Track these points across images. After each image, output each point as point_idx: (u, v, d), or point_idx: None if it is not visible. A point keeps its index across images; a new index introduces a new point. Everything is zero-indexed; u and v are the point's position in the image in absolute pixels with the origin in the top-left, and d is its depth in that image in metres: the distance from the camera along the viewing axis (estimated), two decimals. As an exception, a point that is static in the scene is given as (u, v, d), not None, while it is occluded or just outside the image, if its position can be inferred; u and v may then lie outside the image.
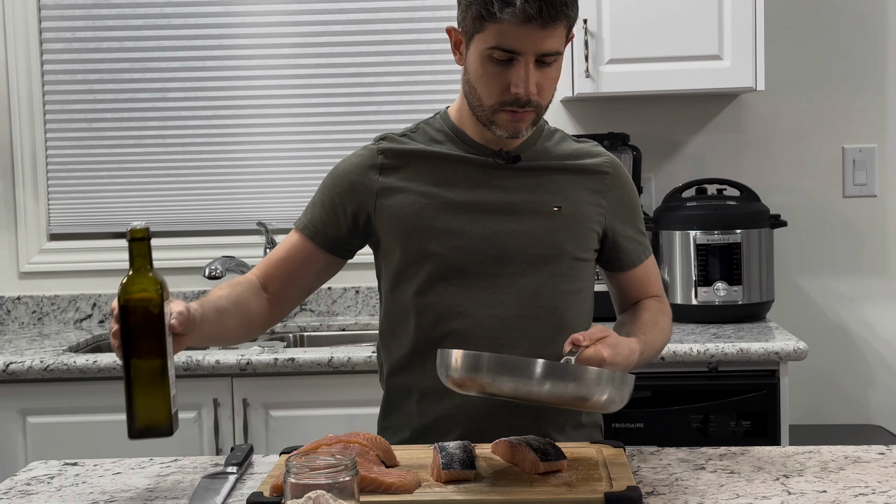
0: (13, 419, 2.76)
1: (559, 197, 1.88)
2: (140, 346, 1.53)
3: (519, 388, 1.49)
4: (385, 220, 1.88)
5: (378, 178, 1.89)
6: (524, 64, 1.73)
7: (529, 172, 1.88)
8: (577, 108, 3.36)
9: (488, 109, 1.80)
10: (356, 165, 1.91)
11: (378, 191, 1.88)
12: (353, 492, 1.31)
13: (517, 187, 1.87)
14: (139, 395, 1.54)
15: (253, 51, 3.40)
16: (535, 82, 1.74)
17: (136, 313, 1.53)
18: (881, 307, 3.36)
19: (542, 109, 1.81)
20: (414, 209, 1.86)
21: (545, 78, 1.76)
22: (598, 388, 1.50)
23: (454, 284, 1.84)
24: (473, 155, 1.88)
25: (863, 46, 3.33)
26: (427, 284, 1.85)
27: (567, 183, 1.89)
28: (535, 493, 1.49)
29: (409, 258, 1.87)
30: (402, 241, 1.87)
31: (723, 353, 2.69)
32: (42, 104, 3.41)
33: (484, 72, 1.77)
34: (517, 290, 1.85)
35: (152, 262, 1.56)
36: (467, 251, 1.84)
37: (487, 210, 1.85)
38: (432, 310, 1.85)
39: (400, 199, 1.87)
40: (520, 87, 1.74)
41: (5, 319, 3.39)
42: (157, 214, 3.43)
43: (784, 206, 3.31)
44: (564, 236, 1.87)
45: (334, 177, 1.93)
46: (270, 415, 2.77)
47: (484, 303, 1.84)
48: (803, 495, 1.52)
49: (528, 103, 1.76)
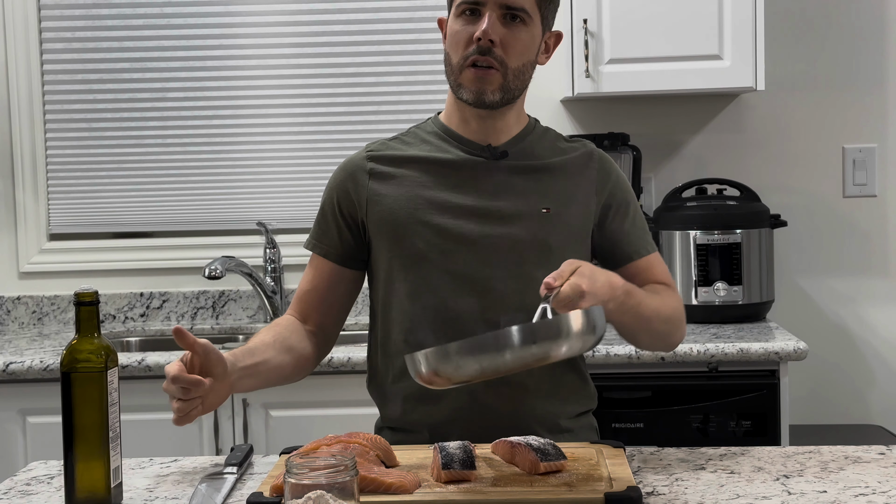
0: (13, 419, 2.76)
1: (548, 198, 1.87)
2: (82, 415, 1.51)
3: (485, 367, 1.45)
4: (374, 226, 1.89)
5: (368, 183, 1.90)
6: (488, 14, 1.78)
7: (518, 172, 1.88)
8: (577, 108, 3.36)
9: (456, 70, 1.83)
10: (348, 173, 1.93)
11: (368, 197, 1.89)
12: (353, 492, 1.31)
13: (506, 188, 1.87)
14: (80, 464, 1.51)
15: (253, 51, 3.40)
16: (498, 33, 1.78)
17: (78, 381, 1.51)
18: (881, 307, 3.36)
19: (510, 73, 1.81)
20: (403, 212, 1.86)
21: (512, 37, 1.80)
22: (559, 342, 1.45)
23: (444, 287, 1.84)
24: (463, 153, 1.88)
25: (863, 46, 3.33)
26: (417, 287, 1.85)
27: (555, 183, 1.89)
28: (535, 493, 1.49)
29: (398, 261, 1.87)
30: (391, 245, 1.87)
31: (723, 353, 2.69)
32: (42, 104, 3.41)
33: (453, 31, 1.83)
34: (507, 292, 1.84)
35: (100, 326, 1.54)
36: (457, 253, 1.84)
37: (476, 212, 1.85)
38: (426, 313, 1.85)
39: (389, 202, 1.88)
40: (479, 32, 1.78)
41: (5, 319, 3.39)
42: (157, 214, 3.43)
43: (784, 206, 3.31)
44: (553, 238, 1.86)
45: (330, 190, 1.96)
46: (270, 415, 2.77)
47: (476, 306, 1.84)
48: (803, 495, 1.52)
49: (490, 52, 1.78)
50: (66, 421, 1.51)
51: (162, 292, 3.38)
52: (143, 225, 3.45)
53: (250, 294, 3.36)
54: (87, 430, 1.51)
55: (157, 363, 2.72)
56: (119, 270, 3.40)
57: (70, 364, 1.51)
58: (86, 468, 1.51)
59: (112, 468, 1.52)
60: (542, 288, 1.60)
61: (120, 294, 3.38)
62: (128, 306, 3.38)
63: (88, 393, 1.51)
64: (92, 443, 1.51)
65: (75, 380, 1.51)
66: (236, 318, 3.37)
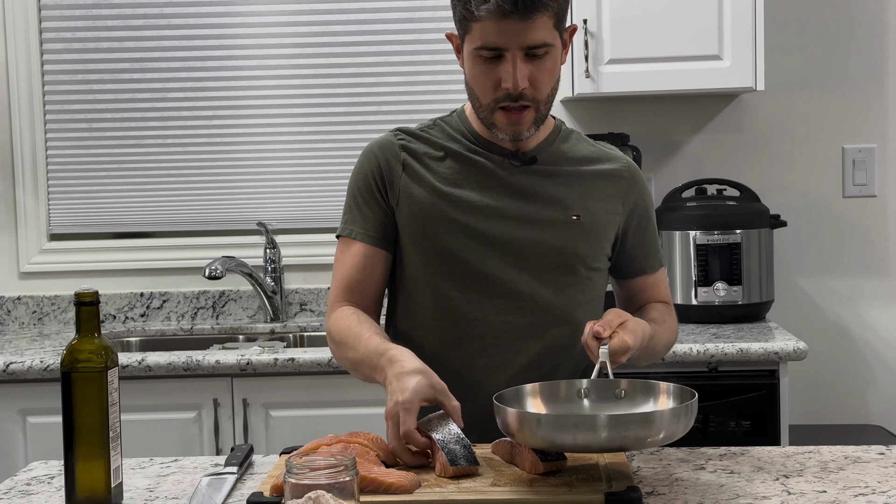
0: (13, 419, 2.76)
1: (577, 204, 1.87)
2: (82, 415, 1.51)
3: (580, 443, 1.48)
4: (403, 218, 1.87)
5: (402, 174, 1.87)
6: (511, 58, 1.73)
7: (546, 176, 1.87)
8: (577, 108, 3.36)
9: (486, 109, 1.80)
10: (383, 159, 1.88)
11: (401, 189, 1.87)
12: (353, 492, 1.31)
13: (535, 192, 1.86)
14: (80, 464, 1.51)
15: (253, 51, 3.40)
16: (525, 76, 1.74)
17: (78, 381, 1.51)
18: (881, 307, 3.36)
19: (542, 105, 1.79)
20: (432, 209, 1.84)
21: (538, 70, 1.75)
22: (659, 429, 1.50)
23: (470, 287, 1.83)
24: (492, 155, 1.87)
25: (863, 46, 3.33)
26: (443, 286, 1.84)
27: (584, 189, 1.88)
28: (535, 493, 1.49)
29: (423, 257, 1.85)
30: (419, 241, 1.86)
31: (723, 353, 2.69)
32: (42, 104, 3.41)
33: (476, 71, 1.78)
34: (533, 297, 1.84)
35: (100, 326, 1.54)
36: (484, 254, 1.83)
37: (506, 215, 1.84)
38: (449, 312, 1.84)
39: (420, 197, 1.85)
40: (508, 82, 1.74)
41: (5, 319, 3.39)
42: (157, 214, 3.43)
43: (784, 206, 3.31)
44: (582, 246, 1.86)
45: (364, 175, 1.89)
46: (270, 415, 2.77)
47: (500, 308, 1.84)
48: (803, 495, 1.52)
49: (522, 97, 1.76)
50: (66, 421, 1.51)
51: (162, 292, 3.38)
52: (143, 225, 3.45)
53: (250, 294, 3.36)
54: (88, 430, 1.51)
55: (157, 363, 2.72)
56: (119, 270, 3.40)
57: (70, 364, 1.51)
58: (86, 468, 1.51)
59: (112, 468, 1.52)
60: (587, 335, 1.66)
61: (120, 294, 3.38)
62: (128, 306, 3.38)
63: (89, 393, 1.51)
64: (92, 443, 1.51)
65: (75, 380, 1.51)
66: (236, 318, 3.37)
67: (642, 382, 1.66)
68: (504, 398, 1.60)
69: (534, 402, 1.66)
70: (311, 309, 3.38)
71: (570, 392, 1.68)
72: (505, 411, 1.53)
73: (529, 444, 1.53)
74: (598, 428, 1.46)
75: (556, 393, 1.68)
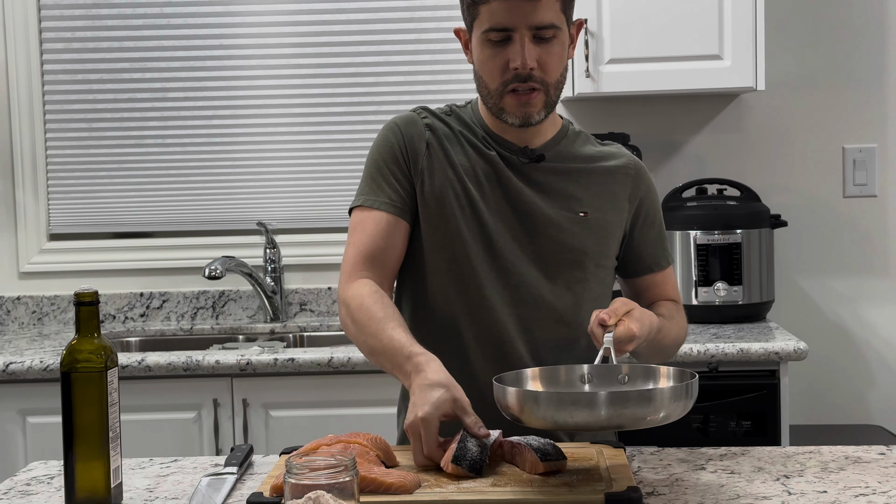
0: (13, 419, 2.76)
1: (585, 201, 1.87)
2: (82, 415, 1.50)
3: (580, 421, 1.47)
4: (421, 197, 1.86)
5: (426, 153, 1.87)
6: (519, 38, 1.75)
7: (554, 173, 1.88)
8: (577, 108, 3.36)
9: (495, 94, 1.80)
10: (410, 135, 1.87)
11: (423, 167, 1.86)
12: (353, 492, 1.31)
13: (544, 189, 1.86)
14: (80, 464, 1.51)
15: (253, 51, 3.40)
16: (533, 57, 1.75)
17: (78, 381, 1.50)
18: (881, 307, 3.36)
19: (551, 90, 1.80)
20: (449, 193, 1.84)
21: (547, 54, 1.77)
22: (658, 407, 1.48)
23: (478, 279, 1.84)
24: (502, 152, 1.87)
25: (863, 46, 3.33)
26: (452, 272, 1.84)
27: (592, 186, 1.89)
28: (535, 493, 1.49)
29: (437, 242, 1.85)
30: (433, 223, 1.85)
31: (723, 353, 2.69)
32: (42, 104, 3.41)
33: (485, 56, 1.79)
34: (541, 292, 1.85)
35: (100, 327, 1.54)
36: (494, 247, 1.84)
37: (516, 209, 1.85)
38: (455, 304, 1.85)
39: (439, 180, 1.85)
40: (517, 61, 1.75)
41: (5, 319, 3.39)
42: (157, 214, 3.43)
43: (784, 206, 3.31)
44: (590, 243, 1.87)
45: (389, 145, 1.88)
46: (270, 415, 2.77)
47: (507, 302, 1.84)
48: (803, 495, 1.52)
49: (531, 78, 1.76)
50: (66, 421, 1.51)
51: (162, 292, 3.38)
52: (143, 225, 3.45)
53: (250, 294, 3.36)
54: (87, 430, 1.51)
55: (157, 363, 2.72)
56: (119, 270, 3.40)
57: (70, 364, 1.51)
58: (86, 468, 1.51)
59: (112, 468, 1.52)
60: (593, 322, 1.66)
61: (120, 294, 3.38)
62: (128, 306, 3.38)
63: (88, 393, 1.51)
64: (92, 443, 1.51)
65: (75, 380, 1.51)
66: (236, 318, 3.37)
67: (643, 367, 1.65)
68: (504, 380, 1.60)
69: (534, 386, 1.66)
70: (311, 309, 3.38)
71: (571, 377, 1.67)
72: (504, 390, 1.53)
73: (529, 425, 1.53)
74: (597, 405, 1.45)
75: (556, 377, 1.68)
